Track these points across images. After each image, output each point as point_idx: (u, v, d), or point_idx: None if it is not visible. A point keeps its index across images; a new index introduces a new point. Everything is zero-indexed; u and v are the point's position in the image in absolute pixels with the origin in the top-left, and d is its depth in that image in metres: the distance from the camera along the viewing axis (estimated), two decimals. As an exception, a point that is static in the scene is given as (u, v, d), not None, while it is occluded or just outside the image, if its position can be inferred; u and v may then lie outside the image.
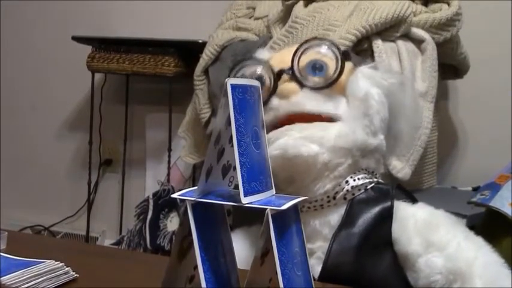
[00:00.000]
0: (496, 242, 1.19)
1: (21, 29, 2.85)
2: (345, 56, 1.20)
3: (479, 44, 1.92)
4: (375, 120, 1.17)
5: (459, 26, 1.67)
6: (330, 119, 1.18)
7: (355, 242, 1.13)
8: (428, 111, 1.55)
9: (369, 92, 1.17)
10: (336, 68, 1.19)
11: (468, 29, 1.73)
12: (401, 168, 1.45)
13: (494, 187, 1.40)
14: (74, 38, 2.36)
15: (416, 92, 1.53)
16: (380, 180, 1.22)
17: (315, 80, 1.19)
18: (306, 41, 1.22)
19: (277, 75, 1.21)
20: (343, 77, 1.19)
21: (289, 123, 1.17)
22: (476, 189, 1.64)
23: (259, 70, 1.22)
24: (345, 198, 1.17)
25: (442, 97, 1.90)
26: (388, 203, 1.15)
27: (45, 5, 2.77)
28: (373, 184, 1.19)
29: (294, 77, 1.20)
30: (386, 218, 1.14)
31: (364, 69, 1.22)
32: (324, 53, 1.20)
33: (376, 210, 1.15)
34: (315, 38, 1.25)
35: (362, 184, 1.18)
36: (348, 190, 1.17)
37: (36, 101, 2.84)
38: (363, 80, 1.19)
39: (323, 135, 1.14)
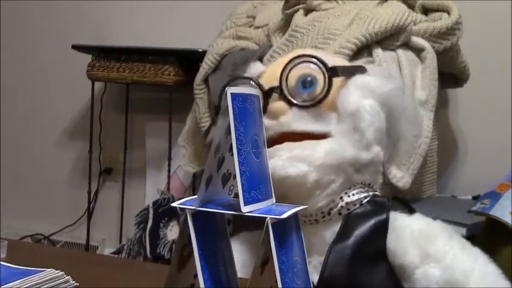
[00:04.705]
0: (496, 251, 1.19)
1: (21, 37, 2.86)
2: (332, 72, 1.17)
3: (479, 52, 1.93)
4: (367, 133, 1.14)
5: (459, 35, 1.68)
6: (322, 136, 1.16)
7: (350, 254, 1.12)
8: (428, 120, 1.55)
9: (361, 105, 1.15)
10: (324, 86, 1.16)
11: (468, 37, 1.73)
12: (401, 177, 1.45)
13: (494, 196, 1.40)
14: (74, 47, 2.37)
15: (416, 100, 1.53)
16: (376, 193, 1.20)
17: (304, 97, 1.17)
18: (293, 59, 1.19)
19: (267, 94, 1.18)
20: (331, 93, 1.17)
21: (280, 142, 1.15)
22: (476, 198, 1.64)
23: None
24: (340, 214, 1.16)
25: (442, 106, 1.90)
26: (384, 216, 1.14)
27: (45, 13, 2.78)
28: (368, 198, 1.18)
29: (282, 96, 1.18)
30: (381, 230, 1.13)
31: (358, 79, 1.19)
32: (312, 68, 1.18)
33: (371, 222, 1.14)
34: (302, 55, 1.21)
35: (357, 199, 1.16)
36: (342, 206, 1.16)
37: (36, 110, 2.84)
38: (355, 92, 1.16)
39: (311, 153, 1.12)
